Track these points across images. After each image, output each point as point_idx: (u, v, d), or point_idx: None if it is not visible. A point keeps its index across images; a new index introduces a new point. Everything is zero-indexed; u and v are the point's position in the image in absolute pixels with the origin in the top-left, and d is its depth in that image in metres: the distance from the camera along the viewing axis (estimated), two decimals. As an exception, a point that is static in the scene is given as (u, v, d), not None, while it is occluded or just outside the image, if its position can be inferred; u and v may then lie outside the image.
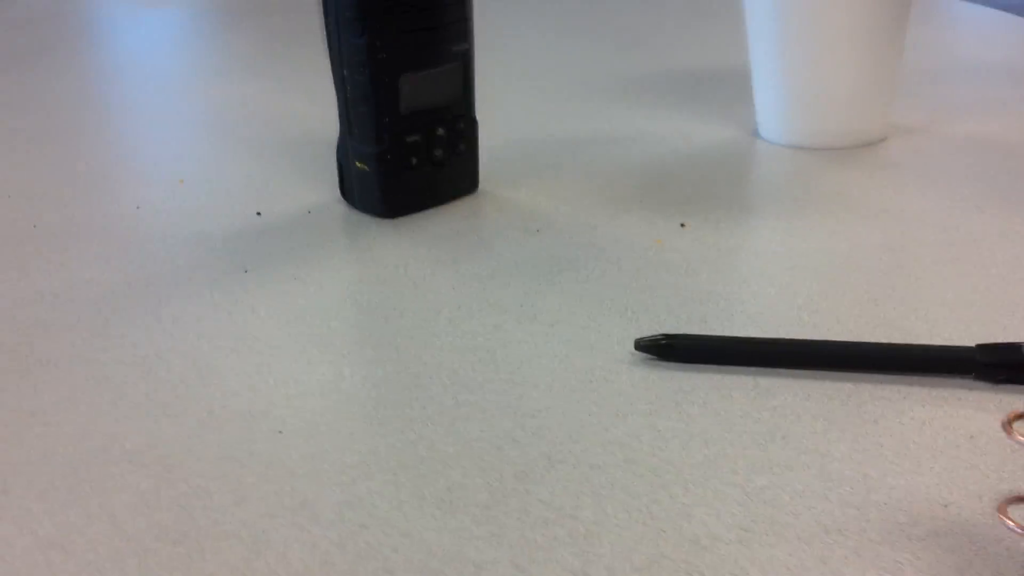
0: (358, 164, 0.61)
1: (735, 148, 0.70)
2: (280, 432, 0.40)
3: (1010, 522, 0.31)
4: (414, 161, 0.61)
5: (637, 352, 0.45)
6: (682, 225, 0.58)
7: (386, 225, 0.60)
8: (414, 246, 0.57)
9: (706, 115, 0.78)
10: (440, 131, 0.61)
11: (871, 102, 0.68)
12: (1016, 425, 0.27)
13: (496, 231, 0.59)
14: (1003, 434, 0.37)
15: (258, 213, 0.63)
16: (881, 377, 0.42)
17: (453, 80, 0.61)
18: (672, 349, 0.44)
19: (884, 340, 0.45)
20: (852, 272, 0.51)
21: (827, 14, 0.65)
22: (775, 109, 0.69)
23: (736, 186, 0.63)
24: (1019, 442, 0.29)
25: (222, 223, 0.61)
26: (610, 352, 0.45)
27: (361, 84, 0.58)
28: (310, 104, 0.87)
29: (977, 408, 0.39)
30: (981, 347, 0.41)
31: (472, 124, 0.63)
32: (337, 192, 0.64)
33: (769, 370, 0.43)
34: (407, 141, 0.60)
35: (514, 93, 0.88)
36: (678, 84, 0.88)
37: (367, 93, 0.58)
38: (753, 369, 0.43)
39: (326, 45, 0.60)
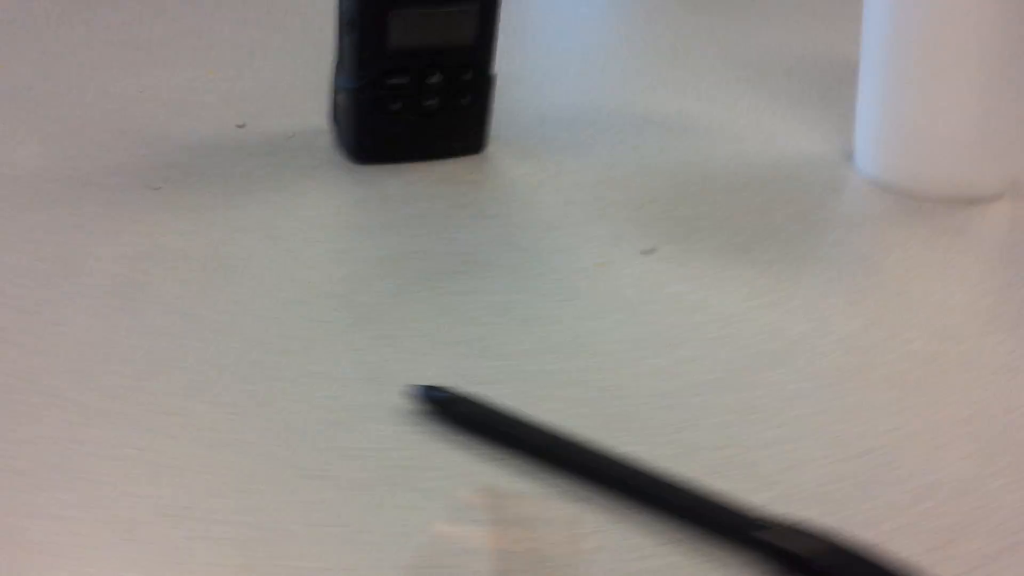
0: (341, 98, 0.54)
1: (810, 170, 0.57)
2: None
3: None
4: (397, 106, 0.54)
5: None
6: (649, 251, 0.48)
7: (353, 169, 0.54)
8: (350, 201, 0.51)
9: (804, 122, 0.64)
10: (435, 79, 0.54)
11: (988, 149, 0.53)
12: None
13: (445, 206, 0.51)
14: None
15: (240, 125, 0.58)
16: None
17: (464, 24, 0.53)
18: (448, 412, 0.36)
19: (732, 486, 0.34)
20: (780, 373, 0.40)
21: (946, 38, 0.51)
22: (874, 136, 0.56)
23: (766, 217, 0.52)
24: None
25: (197, 131, 0.57)
26: (398, 397, 0.37)
27: (348, 8, 0.52)
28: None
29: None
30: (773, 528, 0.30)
31: (485, 78, 0.55)
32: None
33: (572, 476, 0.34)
34: (389, 82, 0.53)
35: (589, 54, 0.77)
36: (791, 75, 0.72)
37: (352, 19, 0.52)
38: (552, 468, 0.34)
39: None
